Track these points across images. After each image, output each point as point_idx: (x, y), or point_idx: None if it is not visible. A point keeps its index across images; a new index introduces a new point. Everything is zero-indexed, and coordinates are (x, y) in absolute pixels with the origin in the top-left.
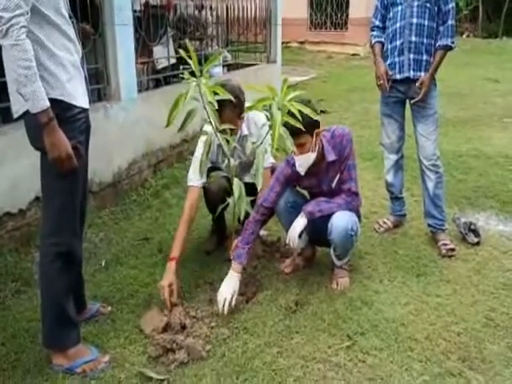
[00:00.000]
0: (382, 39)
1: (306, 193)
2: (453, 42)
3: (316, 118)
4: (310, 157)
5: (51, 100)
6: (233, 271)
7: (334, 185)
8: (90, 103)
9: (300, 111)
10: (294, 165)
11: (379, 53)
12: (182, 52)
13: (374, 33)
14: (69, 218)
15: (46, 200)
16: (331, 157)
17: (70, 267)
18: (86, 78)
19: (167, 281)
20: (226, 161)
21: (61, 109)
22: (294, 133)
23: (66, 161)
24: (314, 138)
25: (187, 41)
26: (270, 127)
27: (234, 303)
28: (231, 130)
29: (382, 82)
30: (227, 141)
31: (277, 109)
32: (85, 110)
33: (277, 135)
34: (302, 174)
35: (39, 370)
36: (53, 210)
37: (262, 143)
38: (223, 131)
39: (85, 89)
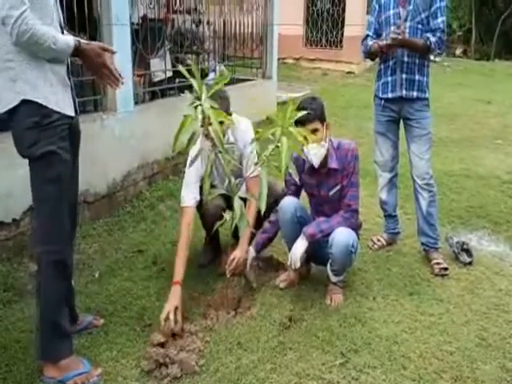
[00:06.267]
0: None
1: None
2: (436, 47)
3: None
4: (324, 146)
5: (30, 102)
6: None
7: (331, 193)
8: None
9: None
10: (302, 160)
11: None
12: (182, 69)
13: (368, 39)
14: (58, 225)
15: (36, 209)
16: (333, 164)
17: (62, 275)
18: (71, 87)
19: (173, 304)
20: (227, 180)
21: (40, 115)
22: (307, 120)
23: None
24: (325, 129)
25: (185, 56)
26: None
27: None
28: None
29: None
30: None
31: (282, 135)
32: (67, 117)
33: (284, 164)
34: (316, 165)
35: (30, 382)
36: (42, 218)
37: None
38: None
39: (70, 97)
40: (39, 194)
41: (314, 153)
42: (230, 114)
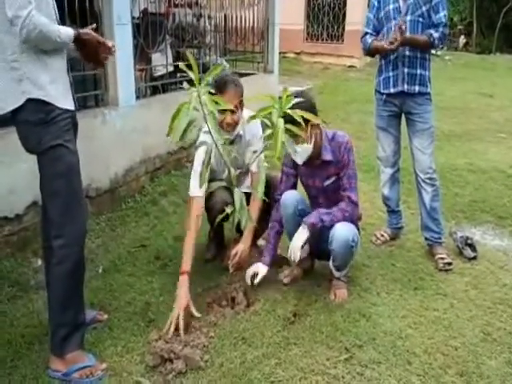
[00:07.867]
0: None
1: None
2: (439, 43)
3: (317, 120)
4: (308, 149)
5: (35, 100)
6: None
7: (326, 184)
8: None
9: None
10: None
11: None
12: (181, 64)
13: (367, 36)
14: (75, 217)
15: (49, 202)
16: (327, 156)
17: (78, 269)
18: (71, 82)
19: (185, 300)
20: (227, 171)
21: (44, 112)
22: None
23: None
24: (309, 130)
25: (187, 50)
26: (271, 136)
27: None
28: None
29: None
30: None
31: (278, 117)
32: (69, 111)
33: (279, 143)
34: (300, 163)
35: (35, 376)
36: (57, 211)
37: (261, 152)
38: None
39: (69, 92)
40: (51, 188)
41: (298, 153)
42: (242, 104)
